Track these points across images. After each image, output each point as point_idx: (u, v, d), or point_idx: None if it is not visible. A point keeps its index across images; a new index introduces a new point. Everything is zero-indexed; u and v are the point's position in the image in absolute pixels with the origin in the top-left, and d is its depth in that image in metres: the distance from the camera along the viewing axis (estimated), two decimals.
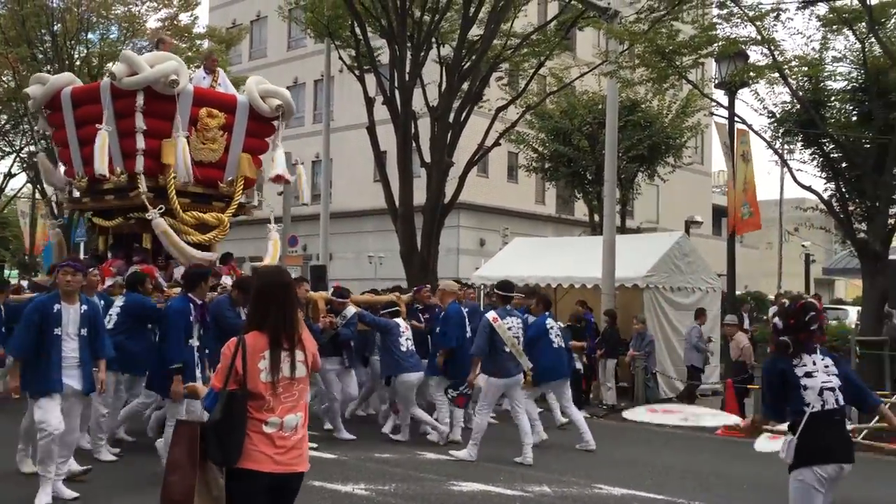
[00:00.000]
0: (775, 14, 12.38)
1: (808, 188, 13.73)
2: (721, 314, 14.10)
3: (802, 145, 14.54)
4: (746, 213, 13.57)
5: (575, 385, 12.36)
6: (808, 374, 4.49)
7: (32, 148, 25.21)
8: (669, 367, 13.56)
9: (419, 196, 17.30)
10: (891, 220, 13.14)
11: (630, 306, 13.24)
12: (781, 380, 4.55)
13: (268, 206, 12.70)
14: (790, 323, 4.58)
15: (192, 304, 7.17)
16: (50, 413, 6.19)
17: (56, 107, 11.11)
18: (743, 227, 14.08)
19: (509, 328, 8.52)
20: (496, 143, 18.49)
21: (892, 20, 12.44)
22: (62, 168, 11.83)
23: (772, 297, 20.21)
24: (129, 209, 10.63)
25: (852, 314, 21.36)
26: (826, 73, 13.74)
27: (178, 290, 9.46)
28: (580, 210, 27.23)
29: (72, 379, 6.41)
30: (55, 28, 22.29)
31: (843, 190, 13.95)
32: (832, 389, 4.48)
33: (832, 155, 14.01)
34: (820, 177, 14.53)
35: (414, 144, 17.42)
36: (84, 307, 6.55)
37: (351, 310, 9.26)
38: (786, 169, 14.56)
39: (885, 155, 12.43)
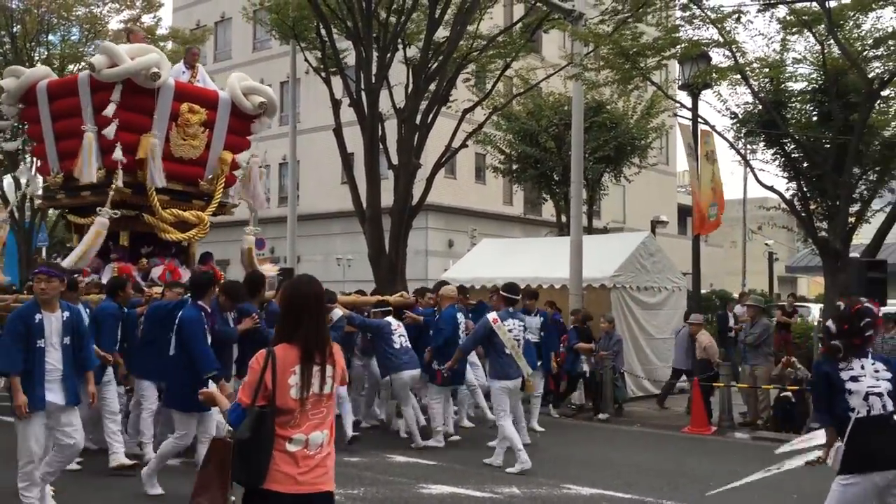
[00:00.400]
0: (736, 16, 12.56)
1: (770, 188, 13.95)
2: (687, 312, 14.26)
3: (764, 145, 14.79)
4: (714, 213, 13.73)
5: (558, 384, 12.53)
6: (854, 379, 4.47)
7: None
8: (637, 366, 13.67)
9: (387, 198, 17.28)
10: (851, 219, 13.40)
11: (597, 306, 13.33)
12: (827, 383, 4.55)
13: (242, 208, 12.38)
14: (843, 328, 4.58)
15: (203, 313, 6.89)
16: (31, 436, 5.80)
17: (31, 101, 10.75)
18: (707, 227, 14.25)
19: (510, 330, 8.38)
20: (463, 145, 18.53)
21: (851, 22, 12.67)
22: (36, 164, 11.44)
23: (735, 294, 20.44)
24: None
25: (815, 311, 21.72)
26: (787, 75, 13.98)
27: (157, 289, 9.34)
28: (548, 210, 27.37)
29: (54, 393, 5.95)
30: (14, 29, 21.93)
31: (805, 189, 14.21)
32: (879, 395, 4.44)
33: (793, 155, 14.26)
34: (782, 176, 14.80)
35: (381, 146, 17.41)
36: (66, 314, 6.10)
37: (338, 312, 8.99)
38: (749, 169, 14.78)
39: (844, 155, 12.66)
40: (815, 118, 14.08)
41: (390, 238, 16.94)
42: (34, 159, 11.60)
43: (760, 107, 13.80)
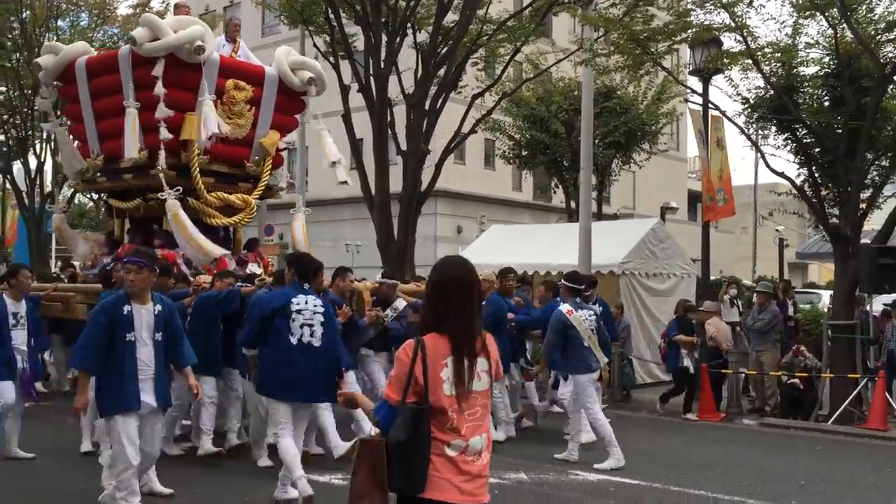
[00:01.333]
0: (748, 0, 12.43)
1: (781, 174, 13.85)
2: (696, 300, 14.22)
3: (776, 131, 14.65)
4: (721, 199, 13.66)
5: None
6: None
7: (2, 137, 24.84)
8: (645, 352, 13.66)
9: (395, 184, 17.25)
10: (862, 205, 13.29)
11: (606, 292, 13.29)
12: None
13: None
14: None
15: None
16: (125, 439, 5.27)
17: (69, 78, 10.16)
18: (717, 213, 14.18)
19: (584, 320, 8.00)
20: (472, 131, 18.46)
21: (864, 6, 12.53)
22: (75, 145, 10.74)
23: (748, 282, 20.36)
24: (149, 189, 9.66)
25: (825, 298, 21.62)
26: (799, 59, 13.83)
27: (205, 278, 8.55)
28: (557, 197, 27.30)
29: (147, 393, 5.43)
30: (24, 15, 21.92)
31: (816, 175, 14.08)
32: None
33: (805, 140, 14.13)
34: (793, 162, 14.68)
35: (390, 132, 17.35)
36: (158, 307, 5.55)
37: (401, 301, 8.48)
38: (759, 155, 14.67)
39: (856, 140, 12.55)
40: (827, 103, 13.93)
41: (399, 224, 16.91)
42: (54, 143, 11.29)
43: (772, 92, 13.67)
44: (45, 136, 22.57)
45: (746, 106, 14.54)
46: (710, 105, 13.88)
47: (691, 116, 14.68)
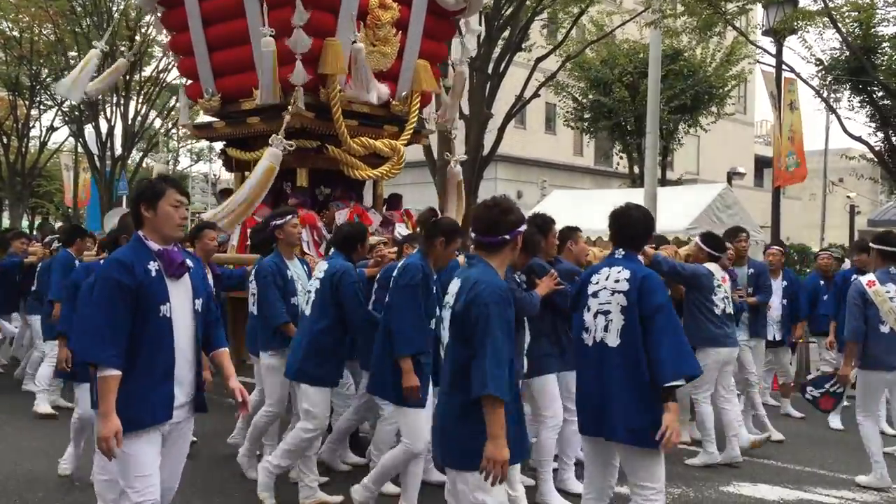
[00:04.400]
0: None
1: (858, 138, 13.43)
2: None
3: (850, 94, 14.21)
4: (793, 163, 13.29)
5: None
6: None
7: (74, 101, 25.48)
8: None
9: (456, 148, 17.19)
10: None
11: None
12: None
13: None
14: None
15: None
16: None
17: (174, 1, 8.46)
18: (788, 178, 13.80)
19: (891, 298, 5.92)
20: (535, 95, 18.26)
21: None
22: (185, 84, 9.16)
23: (816, 249, 19.86)
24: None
25: None
26: (878, 18, 13.34)
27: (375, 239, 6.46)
28: (620, 163, 26.94)
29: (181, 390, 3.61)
30: None
31: (893, 139, 13.64)
32: None
33: (882, 103, 13.67)
34: (868, 125, 14.23)
35: None
36: (305, 267, 5.31)
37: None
38: (831, 119, 14.24)
39: None
40: None
41: None
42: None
43: (848, 53, 13.23)
44: (115, 100, 23.09)
45: (821, 68, 14.10)
46: (783, 66, 13.48)
47: (764, 78, 14.27)
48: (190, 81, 8.94)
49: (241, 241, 7.76)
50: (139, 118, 23.91)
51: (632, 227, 4.02)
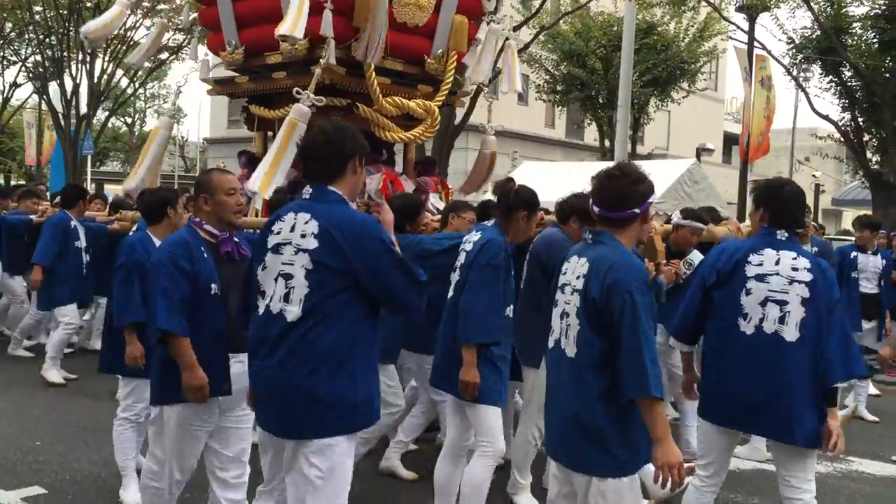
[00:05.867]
0: None
1: (826, 117, 13.59)
2: None
3: (820, 73, 14.35)
4: (758, 140, 13.46)
5: None
6: None
7: (38, 58, 24.91)
8: None
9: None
10: None
11: None
12: None
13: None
14: None
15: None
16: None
17: None
18: (754, 153, 13.98)
19: None
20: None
21: None
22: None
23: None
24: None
25: None
26: None
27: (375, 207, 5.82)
28: (590, 135, 27.02)
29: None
30: None
31: (859, 119, 13.82)
32: None
33: (850, 83, 13.82)
34: (836, 105, 14.39)
35: None
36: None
37: (697, 254, 5.72)
38: (800, 97, 14.37)
39: None
40: (875, 45, 13.57)
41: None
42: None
43: (819, 32, 13.33)
44: (80, 58, 22.61)
45: (791, 46, 14.21)
46: (755, 43, 13.56)
47: (736, 54, 14.36)
48: (211, 32, 8.17)
49: (264, 205, 7.18)
50: (105, 76, 23.42)
51: (788, 206, 3.55)
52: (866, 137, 13.89)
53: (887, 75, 12.96)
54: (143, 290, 4.15)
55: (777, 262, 3.42)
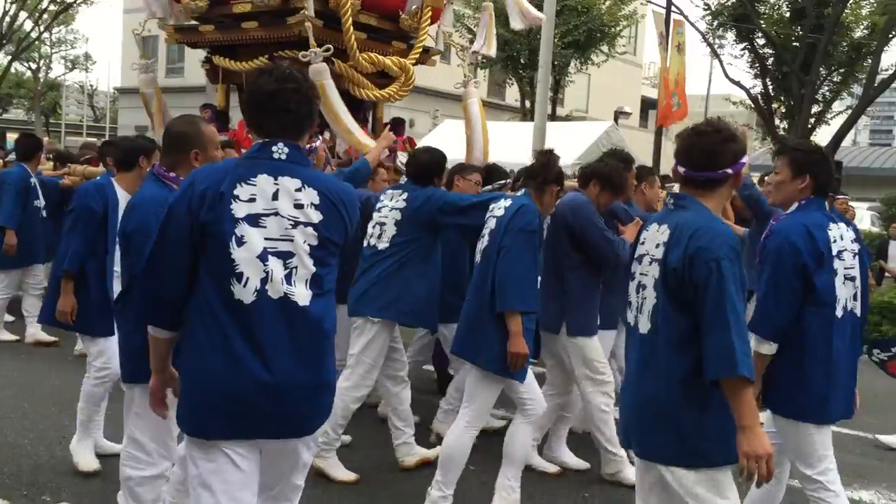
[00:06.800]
0: None
1: (737, 83, 13.95)
2: None
3: (735, 40, 14.67)
4: (675, 104, 13.72)
5: None
6: None
7: None
8: None
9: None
10: (811, 120, 13.52)
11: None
12: None
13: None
14: None
15: None
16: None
17: None
18: (670, 117, 14.26)
19: None
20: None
21: None
22: None
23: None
24: (280, 45, 6.90)
25: None
26: None
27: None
28: (511, 95, 27.11)
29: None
30: None
31: (770, 87, 14.23)
32: None
33: (762, 51, 14.19)
34: (748, 72, 14.78)
35: None
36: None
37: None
38: (714, 64, 14.70)
39: (813, 54, 12.65)
40: (787, 15, 13.96)
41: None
42: None
43: None
44: None
45: (707, 12, 14.48)
46: (672, 9, 13.75)
47: (654, 18, 14.55)
48: None
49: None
50: (7, 18, 22.22)
51: (832, 173, 3.24)
52: (775, 105, 14.31)
53: (797, 44, 13.35)
54: (90, 238, 3.98)
55: (841, 238, 3.16)
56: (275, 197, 2.36)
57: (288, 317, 2.33)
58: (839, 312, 3.11)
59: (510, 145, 14.60)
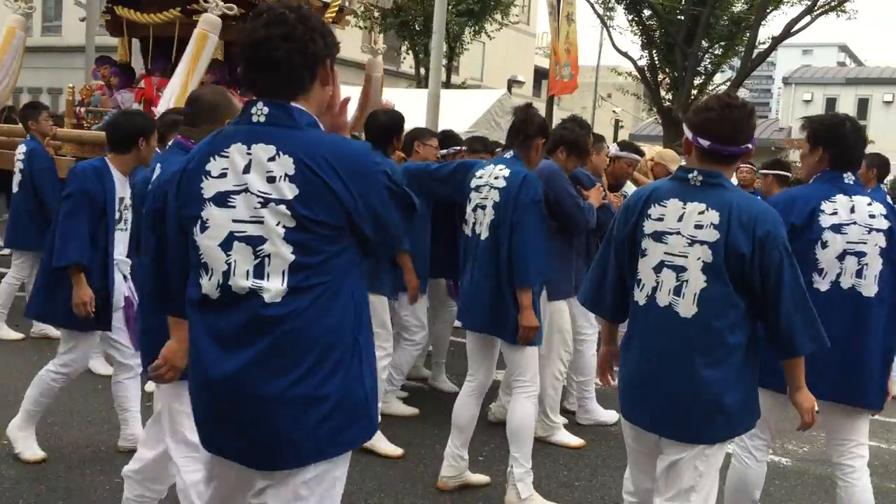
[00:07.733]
0: None
1: (625, 54, 14.33)
2: None
3: (624, 10, 15.04)
4: (567, 74, 13.99)
5: None
6: None
7: None
8: None
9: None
10: (694, 91, 14.04)
11: None
12: None
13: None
14: None
15: None
16: None
17: None
18: (562, 88, 14.53)
19: None
20: None
21: None
22: None
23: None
24: None
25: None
26: None
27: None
28: (406, 63, 26.97)
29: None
30: None
31: (655, 59, 14.68)
32: None
33: (649, 23, 14.61)
34: (635, 43, 15.19)
35: None
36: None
37: (632, 187, 5.77)
38: (607, 32, 15.04)
39: (696, 27, 13.11)
40: None
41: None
42: None
43: None
44: None
45: None
46: None
47: None
48: None
49: None
50: None
51: (854, 145, 3.13)
52: (661, 76, 14.78)
53: (681, 17, 13.80)
54: (91, 226, 3.69)
55: (852, 210, 3.03)
56: (246, 170, 1.92)
57: (254, 317, 1.89)
58: (820, 286, 3.03)
59: (405, 112, 14.54)
